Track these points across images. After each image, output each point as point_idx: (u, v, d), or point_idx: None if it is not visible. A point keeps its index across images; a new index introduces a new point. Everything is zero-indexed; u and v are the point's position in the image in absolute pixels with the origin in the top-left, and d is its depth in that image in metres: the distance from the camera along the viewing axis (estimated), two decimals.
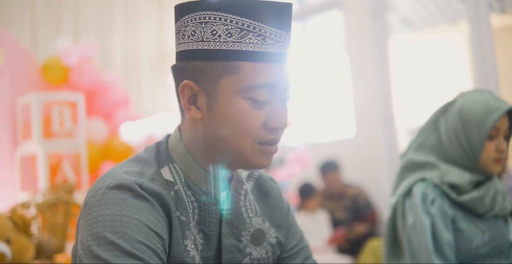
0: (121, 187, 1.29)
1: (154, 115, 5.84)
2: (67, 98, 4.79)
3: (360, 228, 5.94)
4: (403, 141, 6.90)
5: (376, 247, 5.35)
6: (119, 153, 5.42)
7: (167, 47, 7.57)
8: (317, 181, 6.30)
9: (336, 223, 6.05)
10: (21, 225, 3.45)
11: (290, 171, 5.74)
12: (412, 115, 8.15)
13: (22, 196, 4.56)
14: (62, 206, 3.82)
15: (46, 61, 5.43)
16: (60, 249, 3.76)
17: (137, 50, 7.32)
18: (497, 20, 6.36)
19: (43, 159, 4.51)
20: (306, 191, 5.95)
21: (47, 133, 4.63)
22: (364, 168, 6.49)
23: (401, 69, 7.45)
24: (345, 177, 6.36)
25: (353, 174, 6.45)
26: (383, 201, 6.23)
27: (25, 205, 3.74)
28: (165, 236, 1.30)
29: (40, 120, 4.60)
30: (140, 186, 1.30)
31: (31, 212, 3.69)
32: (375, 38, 6.52)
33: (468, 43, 8.37)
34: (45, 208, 3.70)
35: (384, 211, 6.21)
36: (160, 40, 7.55)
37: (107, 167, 5.28)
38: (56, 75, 5.34)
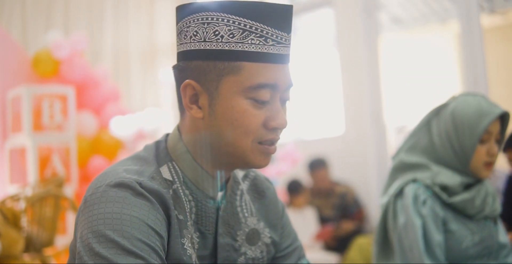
0: (121, 185, 1.30)
1: (144, 110, 5.85)
2: (58, 91, 4.80)
3: (347, 226, 5.97)
4: (392, 139, 6.94)
5: (363, 244, 5.38)
6: (109, 147, 5.43)
7: (157, 42, 7.57)
8: (305, 178, 6.33)
9: (323, 220, 6.08)
10: (11, 218, 3.46)
11: (279, 168, 5.76)
12: (400, 113, 8.19)
13: (11, 189, 4.57)
14: (51, 200, 3.82)
15: (37, 54, 5.42)
16: (49, 243, 3.77)
17: (127, 45, 7.32)
18: (486, 20, 6.41)
19: (33, 151, 4.52)
20: (294, 188, 5.97)
21: (37, 125, 4.63)
22: (352, 166, 6.52)
23: (390, 67, 7.48)
24: (333, 175, 6.38)
25: (341, 172, 6.48)
26: (371, 198, 6.27)
27: (15, 198, 3.75)
28: (164, 235, 1.32)
29: (30, 113, 4.61)
30: (140, 184, 1.31)
31: (21, 205, 3.69)
32: (365, 36, 6.55)
33: (457, 42, 8.41)
34: (35, 201, 3.70)
35: (371, 209, 6.25)
36: (150, 35, 7.55)
37: (96, 161, 5.29)
38: (46, 68, 5.34)
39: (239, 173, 1.62)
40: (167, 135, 1.52)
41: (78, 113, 5.28)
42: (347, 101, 6.69)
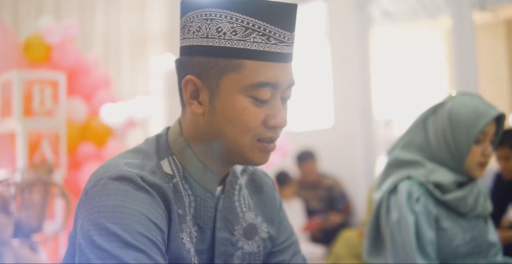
0: (123, 179, 1.31)
1: (134, 98, 5.84)
2: (49, 77, 4.77)
3: (335, 218, 5.99)
4: (379, 133, 6.96)
5: (349, 238, 5.40)
6: (98, 134, 5.42)
7: (149, 30, 7.55)
8: (293, 170, 6.34)
9: (311, 213, 6.10)
10: (0, 203, 3.44)
11: (269, 160, 5.76)
12: (388, 107, 8.21)
13: (0, 173, 4.55)
14: (40, 186, 3.81)
15: (28, 39, 5.40)
16: (38, 229, 3.77)
17: (119, 32, 7.30)
18: (476, 17, 6.43)
19: (23, 137, 4.50)
20: (281, 180, 5.98)
21: (27, 111, 4.61)
22: (340, 159, 6.54)
23: (381, 61, 7.50)
24: (321, 167, 6.40)
25: (329, 164, 6.50)
26: (358, 192, 6.29)
27: (4, 184, 3.74)
28: (165, 229, 1.32)
29: (21, 98, 4.58)
30: (141, 178, 1.32)
31: (10, 190, 3.68)
32: (356, 30, 6.56)
33: (447, 37, 8.44)
34: (24, 187, 3.70)
35: (358, 202, 6.27)
36: (141, 23, 7.53)
37: (86, 148, 5.28)
38: (38, 53, 5.31)
39: (238, 168, 1.63)
40: (168, 128, 1.52)
41: (69, 99, 5.26)
42: (337, 94, 6.70)
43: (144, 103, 5.49)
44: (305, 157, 6.27)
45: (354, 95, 6.50)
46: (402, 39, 8.96)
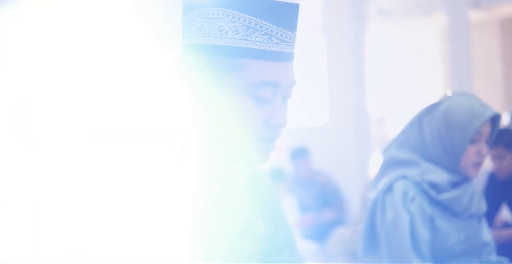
0: None
1: None
2: None
3: (328, 215, 6.00)
4: (373, 130, 6.98)
5: (342, 235, 5.41)
6: None
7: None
8: (287, 167, 6.34)
9: (304, 209, 6.10)
10: None
11: None
12: (382, 105, 8.23)
13: None
14: None
15: None
16: None
17: None
18: (471, 16, 6.45)
19: None
20: (275, 176, 5.98)
21: None
22: (334, 156, 6.54)
23: (375, 59, 7.51)
24: (315, 164, 6.40)
25: (323, 161, 6.50)
26: (352, 189, 6.30)
27: None
28: None
29: None
30: None
31: None
32: (352, 27, 6.56)
33: (442, 35, 8.45)
34: None
35: (352, 200, 6.28)
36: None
37: None
38: None
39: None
40: None
41: None
42: (332, 91, 6.70)
43: None
44: (299, 154, 6.27)
45: (348, 92, 6.50)
46: (397, 37, 8.97)
